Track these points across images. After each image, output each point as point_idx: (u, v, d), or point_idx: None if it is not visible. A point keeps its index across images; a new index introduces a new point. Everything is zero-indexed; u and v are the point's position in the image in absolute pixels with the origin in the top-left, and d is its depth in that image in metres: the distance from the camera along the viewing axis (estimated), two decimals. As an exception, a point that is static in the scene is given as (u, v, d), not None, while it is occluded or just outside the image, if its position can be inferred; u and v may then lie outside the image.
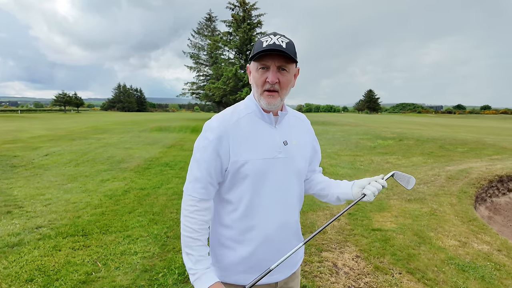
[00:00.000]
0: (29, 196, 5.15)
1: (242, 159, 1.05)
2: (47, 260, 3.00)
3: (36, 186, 5.79)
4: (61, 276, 2.72)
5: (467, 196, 5.12)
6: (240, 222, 1.10)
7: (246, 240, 1.11)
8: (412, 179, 1.22)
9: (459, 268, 2.87)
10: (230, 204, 1.12)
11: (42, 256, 3.08)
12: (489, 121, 44.98)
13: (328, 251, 3.24)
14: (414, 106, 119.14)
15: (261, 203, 1.09)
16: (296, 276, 1.30)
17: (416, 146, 11.17)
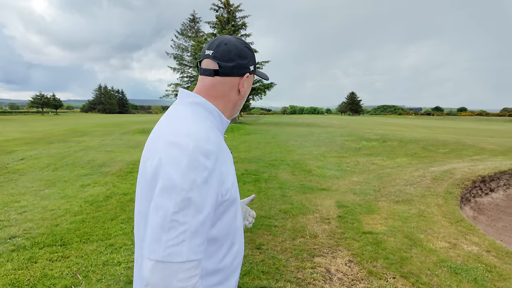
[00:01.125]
0: (2, 203, 4.83)
1: (230, 182, 0.85)
2: (22, 273, 2.77)
3: (10, 193, 5.44)
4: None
5: (453, 196, 5.20)
6: (228, 258, 0.89)
7: (235, 271, 0.94)
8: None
9: (452, 271, 2.86)
10: (215, 242, 0.85)
11: (16, 269, 2.85)
12: (466, 123, 46.70)
13: (320, 256, 3.16)
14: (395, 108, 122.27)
15: (237, 223, 0.93)
16: None
17: (400, 147, 11.37)
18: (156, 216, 0.71)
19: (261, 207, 4.70)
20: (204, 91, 0.93)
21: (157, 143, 0.81)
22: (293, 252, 3.24)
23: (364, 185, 6.11)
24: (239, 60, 0.92)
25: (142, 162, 0.86)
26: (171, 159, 0.74)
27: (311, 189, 5.83)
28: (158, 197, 0.72)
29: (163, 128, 0.85)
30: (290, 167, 8.08)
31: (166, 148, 0.76)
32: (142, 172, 0.84)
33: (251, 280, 2.69)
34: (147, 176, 0.79)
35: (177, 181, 0.71)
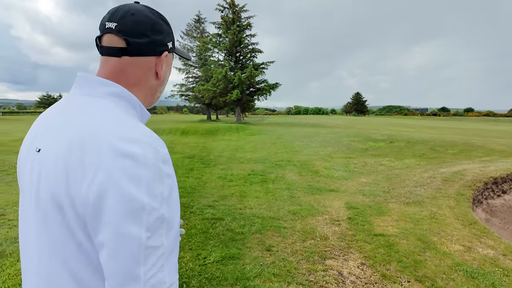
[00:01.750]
0: (11, 203, 4.85)
1: None
2: (31, 274, 2.76)
3: (18, 193, 5.46)
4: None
5: (465, 198, 5.10)
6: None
7: None
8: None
9: (468, 275, 2.79)
10: None
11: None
12: (473, 123, 46.17)
13: (331, 259, 3.11)
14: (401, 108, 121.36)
15: None
16: None
17: (407, 148, 11.24)
18: (125, 249, 0.54)
19: (270, 208, 4.65)
20: (113, 77, 0.71)
21: (80, 146, 0.58)
22: (304, 254, 3.18)
23: (373, 186, 6.03)
24: (153, 35, 0.72)
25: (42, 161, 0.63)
26: (127, 173, 0.55)
27: (319, 190, 5.77)
28: (121, 226, 0.54)
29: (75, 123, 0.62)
30: (297, 167, 8.02)
31: (112, 160, 0.56)
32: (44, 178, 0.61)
33: (262, 283, 2.64)
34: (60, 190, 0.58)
35: (144, 200, 0.55)
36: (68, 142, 0.59)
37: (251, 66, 26.52)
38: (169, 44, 0.78)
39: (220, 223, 3.99)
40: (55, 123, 0.66)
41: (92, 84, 0.69)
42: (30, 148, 0.69)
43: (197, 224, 3.94)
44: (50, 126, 0.67)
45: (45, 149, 0.63)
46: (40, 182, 0.62)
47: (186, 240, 3.47)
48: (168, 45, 0.77)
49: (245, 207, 4.70)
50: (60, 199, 0.58)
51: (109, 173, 0.55)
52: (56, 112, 0.69)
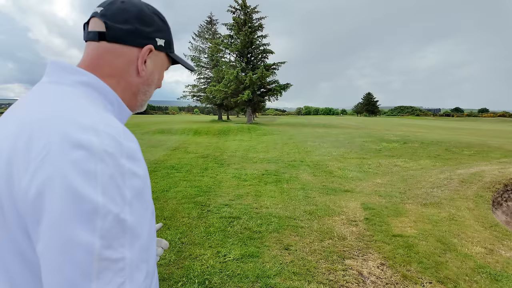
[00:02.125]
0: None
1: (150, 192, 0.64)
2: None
3: None
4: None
5: (484, 200, 5.01)
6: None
7: None
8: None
9: (492, 278, 2.75)
10: None
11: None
12: (489, 124, 45.07)
13: (350, 259, 3.11)
14: (413, 109, 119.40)
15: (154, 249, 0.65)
16: None
17: (422, 149, 11.08)
18: (71, 260, 0.43)
19: (285, 207, 4.67)
20: (90, 64, 0.64)
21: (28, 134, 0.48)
22: (323, 254, 3.20)
23: (389, 187, 5.98)
24: (139, 24, 0.65)
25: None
26: (78, 167, 0.45)
27: (334, 190, 5.76)
28: (67, 230, 0.43)
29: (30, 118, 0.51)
30: (310, 168, 8.01)
31: (62, 150, 0.46)
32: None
33: (283, 281, 2.67)
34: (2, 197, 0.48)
35: (98, 200, 0.45)
36: (15, 131, 0.50)
37: (262, 67, 26.56)
38: (158, 40, 0.69)
39: (237, 222, 4.04)
40: (10, 113, 0.57)
41: (61, 71, 0.61)
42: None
43: (215, 223, 4.00)
44: (5, 116, 0.58)
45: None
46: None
47: (205, 238, 3.52)
48: (156, 41, 0.68)
49: (261, 206, 4.73)
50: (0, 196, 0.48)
51: (56, 166, 0.45)
52: (19, 102, 0.60)
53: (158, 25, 0.69)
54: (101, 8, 0.65)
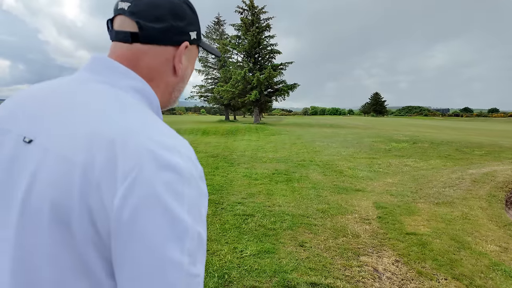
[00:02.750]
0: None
1: None
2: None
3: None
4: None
5: (497, 200, 5.01)
6: None
7: None
8: None
9: (507, 275, 2.78)
10: None
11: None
12: (499, 124, 44.38)
13: (365, 256, 3.16)
14: (421, 109, 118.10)
15: None
16: None
17: (432, 149, 11.01)
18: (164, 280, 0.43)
19: (298, 206, 4.73)
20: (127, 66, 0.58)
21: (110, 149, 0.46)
22: (338, 251, 3.25)
23: (400, 187, 5.99)
24: (173, 20, 0.60)
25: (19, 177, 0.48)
26: (171, 189, 0.45)
27: (345, 189, 5.80)
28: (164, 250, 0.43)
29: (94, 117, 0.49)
30: (320, 167, 8.05)
31: (155, 171, 0.45)
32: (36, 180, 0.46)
33: (300, 276, 2.73)
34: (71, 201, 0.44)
35: (188, 222, 0.46)
36: (90, 141, 0.46)
37: (269, 67, 26.63)
38: (192, 34, 0.64)
39: (251, 219, 4.11)
40: (58, 111, 0.51)
41: (113, 72, 0.57)
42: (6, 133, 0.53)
43: (229, 220, 4.08)
44: (48, 112, 0.52)
45: (45, 143, 0.48)
46: (33, 185, 0.46)
47: (221, 234, 3.61)
48: (190, 35, 0.64)
49: (273, 204, 4.80)
50: (66, 211, 0.44)
51: (151, 187, 0.44)
52: (55, 95, 0.54)
53: (190, 16, 0.64)
54: (127, 3, 0.58)
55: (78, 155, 0.45)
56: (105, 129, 0.47)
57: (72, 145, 0.46)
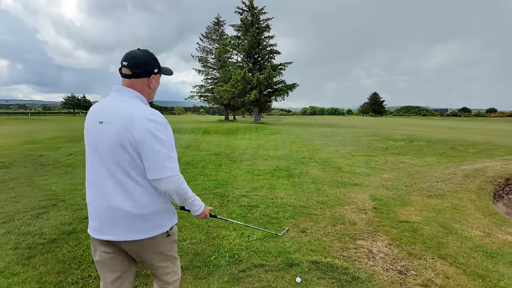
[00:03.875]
0: (67, 191, 5.45)
1: None
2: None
3: (70, 183, 6.09)
4: (123, 258, 2.98)
5: (485, 193, 5.33)
6: None
7: None
8: None
9: (488, 255, 3.10)
10: None
11: (99, 242, 3.35)
12: (496, 124, 44.80)
13: (361, 240, 3.48)
14: (419, 109, 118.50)
15: None
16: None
17: (428, 147, 11.35)
18: (159, 156, 1.34)
19: (299, 198, 5.05)
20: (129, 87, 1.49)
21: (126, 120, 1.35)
22: (336, 236, 3.57)
23: (395, 182, 6.32)
24: (145, 67, 1.48)
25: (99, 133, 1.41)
26: (156, 128, 1.36)
27: (343, 184, 6.12)
28: (155, 147, 1.33)
29: (124, 109, 1.40)
30: (319, 164, 8.36)
31: (147, 122, 1.35)
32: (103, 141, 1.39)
33: (302, 256, 3.04)
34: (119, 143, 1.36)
35: (164, 138, 1.37)
36: (122, 117, 1.37)
37: (269, 67, 26.93)
38: (155, 70, 1.53)
39: (256, 210, 4.42)
40: (109, 109, 1.43)
41: (125, 91, 1.48)
42: (94, 121, 1.44)
43: (235, 210, 4.39)
44: (105, 110, 1.44)
45: (106, 121, 1.40)
46: (104, 136, 1.39)
47: (229, 222, 3.92)
48: (154, 71, 1.52)
49: (276, 197, 5.11)
50: (122, 142, 1.36)
51: (146, 127, 1.35)
52: (107, 103, 1.46)
53: (152, 62, 1.51)
54: (126, 62, 1.46)
55: (120, 123, 1.37)
56: (127, 113, 1.39)
57: (117, 120, 1.38)
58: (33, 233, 3.59)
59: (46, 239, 3.41)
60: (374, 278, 2.67)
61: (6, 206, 4.55)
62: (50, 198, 4.98)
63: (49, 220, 4.02)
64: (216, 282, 2.58)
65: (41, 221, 3.96)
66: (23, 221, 3.96)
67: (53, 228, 3.72)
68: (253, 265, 2.88)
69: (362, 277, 2.66)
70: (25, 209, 4.45)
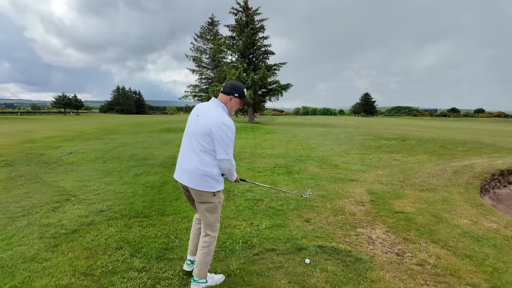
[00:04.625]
0: (76, 187, 5.64)
1: None
2: (125, 234, 3.52)
3: (77, 179, 6.27)
4: (144, 245, 3.24)
5: (473, 187, 5.72)
6: None
7: None
8: None
9: (475, 239, 3.44)
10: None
11: (119, 231, 3.59)
12: (484, 124, 46.00)
13: (361, 228, 3.79)
14: (410, 109, 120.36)
15: None
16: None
17: (419, 146, 11.79)
18: (225, 146, 2.25)
19: (300, 193, 5.34)
20: (220, 99, 2.40)
21: (211, 120, 2.25)
22: (338, 225, 3.88)
23: (389, 177, 6.68)
24: (231, 90, 2.38)
25: (195, 122, 2.33)
26: (225, 128, 2.24)
27: (341, 180, 6.44)
28: (222, 139, 2.24)
29: (210, 114, 2.30)
30: (316, 162, 8.69)
31: (221, 124, 2.22)
32: (195, 127, 2.31)
33: (309, 242, 3.34)
34: (204, 131, 2.25)
35: (230, 136, 2.27)
36: (210, 116, 2.30)
37: (264, 68, 27.22)
38: (235, 94, 2.39)
39: (261, 203, 4.71)
40: (204, 109, 2.40)
41: (215, 101, 2.41)
42: (194, 114, 2.43)
43: (242, 203, 4.66)
44: (202, 109, 2.41)
45: (201, 116, 2.35)
46: (198, 126, 2.32)
47: (237, 214, 4.19)
48: (234, 94, 2.39)
49: (278, 192, 5.40)
50: (208, 131, 2.26)
51: (220, 127, 2.25)
52: (205, 105, 2.43)
53: (236, 89, 2.40)
54: (222, 87, 2.43)
55: (207, 119, 2.32)
56: (211, 114, 2.34)
57: (206, 117, 2.33)
58: (53, 224, 3.80)
59: (68, 230, 3.64)
60: (375, 259, 2.98)
61: (21, 201, 4.74)
62: (62, 194, 5.18)
63: (66, 213, 4.23)
64: (234, 263, 2.86)
65: (58, 214, 4.18)
66: (41, 214, 4.16)
67: (72, 220, 3.94)
68: (265, 249, 3.16)
69: (364, 258, 2.97)
70: (39, 203, 4.64)
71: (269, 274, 2.69)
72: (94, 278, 2.63)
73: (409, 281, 2.62)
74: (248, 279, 2.61)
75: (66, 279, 2.59)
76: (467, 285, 2.57)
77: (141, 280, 2.58)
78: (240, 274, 2.67)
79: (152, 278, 2.62)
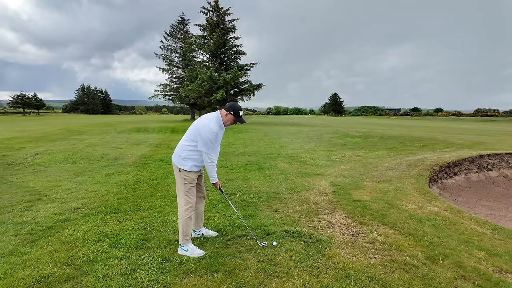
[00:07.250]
0: (47, 187, 5.62)
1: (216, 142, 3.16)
2: (103, 228, 3.68)
3: (47, 180, 6.21)
4: (122, 237, 3.43)
5: (423, 178, 6.40)
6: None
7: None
8: None
9: (418, 221, 3.99)
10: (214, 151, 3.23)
11: (96, 226, 3.74)
12: (441, 122, 49.43)
13: (323, 215, 4.22)
14: (375, 109, 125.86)
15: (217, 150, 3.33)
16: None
17: (380, 143, 12.67)
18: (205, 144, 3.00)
19: (270, 186, 5.72)
20: (221, 112, 3.14)
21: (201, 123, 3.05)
22: (302, 213, 4.28)
23: (351, 171, 7.25)
24: (228, 108, 3.08)
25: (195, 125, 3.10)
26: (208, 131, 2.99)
27: (308, 174, 6.91)
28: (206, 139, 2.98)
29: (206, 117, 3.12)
30: (286, 159, 9.14)
31: (205, 127, 3.00)
32: (194, 127, 3.09)
33: (276, 228, 3.70)
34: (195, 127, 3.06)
35: (209, 136, 3.00)
36: (202, 120, 3.11)
37: (235, 68, 27.47)
38: (230, 111, 3.07)
39: (234, 196, 5.02)
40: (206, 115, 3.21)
41: (218, 112, 3.17)
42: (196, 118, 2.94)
43: (216, 197, 4.94)
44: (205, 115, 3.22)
45: (198, 119, 3.18)
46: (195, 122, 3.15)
47: (211, 207, 4.47)
48: (230, 112, 3.07)
49: (250, 186, 5.74)
50: (197, 131, 3.05)
51: (204, 130, 3.02)
52: (208, 114, 3.21)
53: (231, 108, 3.09)
54: (225, 106, 3.13)
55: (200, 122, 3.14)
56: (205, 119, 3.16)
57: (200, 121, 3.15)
58: (28, 222, 3.87)
59: (44, 227, 3.72)
60: (333, 240, 3.40)
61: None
62: (33, 194, 5.16)
63: (40, 211, 4.28)
64: (209, 248, 3.15)
65: (32, 213, 4.22)
66: (14, 213, 4.18)
67: (47, 218, 4.02)
68: (236, 235, 3.48)
69: (324, 239, 3.38)
70: (10, 203, 4.63)
71: (240, 255, 3.01)
72: (76, 267, 2.80)
73: (360, 256, 3.05)
74: (222, 260, 2.91)
75: (48, 269, 2.74)
76: (407, 256, 3.05)
77: (122, 266, 2.80)
78: (214, 257, 2.97)
79: (133, 264, 2.84)
